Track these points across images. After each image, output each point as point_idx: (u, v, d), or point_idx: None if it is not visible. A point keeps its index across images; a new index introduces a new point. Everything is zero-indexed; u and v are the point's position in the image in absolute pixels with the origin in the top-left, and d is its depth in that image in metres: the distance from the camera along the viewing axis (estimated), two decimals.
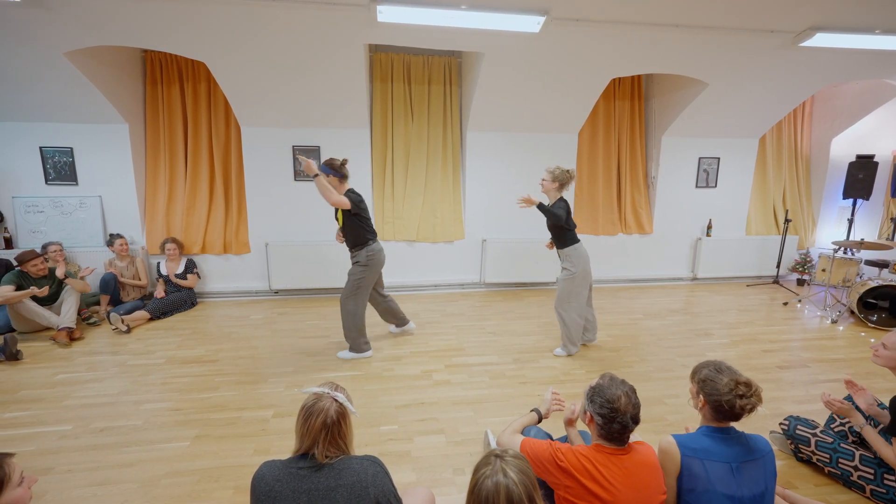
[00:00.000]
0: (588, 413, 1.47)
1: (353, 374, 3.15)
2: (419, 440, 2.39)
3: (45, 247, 4.16)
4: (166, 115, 4.74)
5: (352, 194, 3.17)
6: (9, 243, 4.52)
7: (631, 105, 5.51)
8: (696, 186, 5.67)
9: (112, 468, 2.14)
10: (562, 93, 4.59)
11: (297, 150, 4.81)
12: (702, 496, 1.44)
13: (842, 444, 2.02)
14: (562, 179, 3.25)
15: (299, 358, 3.41)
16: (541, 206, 3.20)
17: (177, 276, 4.56)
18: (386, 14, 3.32)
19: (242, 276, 5.02)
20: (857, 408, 2.06)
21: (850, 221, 5.43)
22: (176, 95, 4.73)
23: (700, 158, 5.60)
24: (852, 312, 4.43)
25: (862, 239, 4.57)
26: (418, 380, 3.07)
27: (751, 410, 1.45)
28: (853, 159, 5.36)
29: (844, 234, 5.60)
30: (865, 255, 5.33)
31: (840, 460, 2.00)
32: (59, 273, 3.82)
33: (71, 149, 4.51)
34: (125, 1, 3.24)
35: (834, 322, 4.34)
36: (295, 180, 4.88)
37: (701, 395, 1.55)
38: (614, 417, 1.38)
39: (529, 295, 5.18)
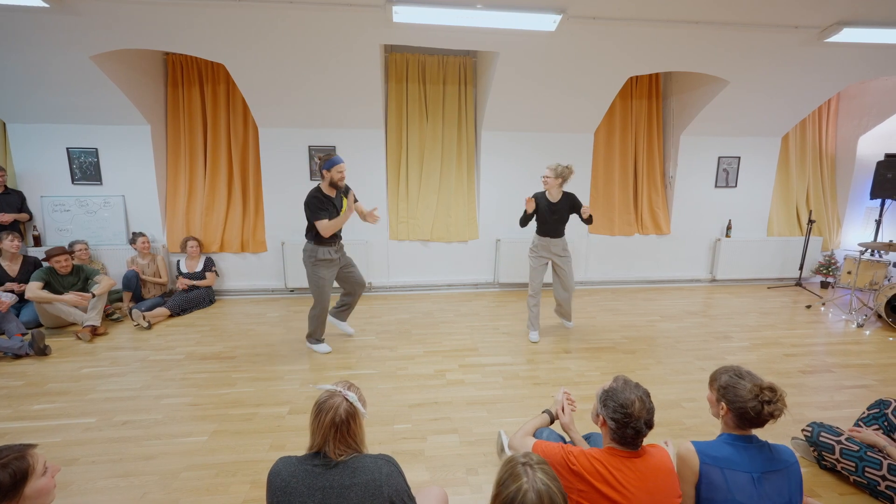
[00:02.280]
0: (601, 416, 1.45)
1: (367, 372, 3.18)
2: (432, 439, 2.40)
3: (71, 245, 4.30)
4: (187, 116, 4.85)
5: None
6: (37, 241, 4.68)
7: (648, 103, 5.42)
8: (716, 186, 5.55)
9: (134, 460, 2.20)
10: (578, 92, 4.54)
11: (314, 150, 4.87)
12: None
13: (868, 453, 1.95)
14: (564, 175, 3.47)
15: (314, 356, 3.45)
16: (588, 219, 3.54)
17: (195, 274, 4.66)
18: (402, 14, 3.33)
19: (259, 274, 5.10)
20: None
21: (878, 222, 5.24)
22: (196, 97, 4.84)
23: (720, 157, 5.48)
24: (879, 317, 4.28)
25: (891, 241, 4.42)
26: (432, 379, 3.08)
27: (777, 416, 1.41)
28: (881, 158, 5.17)
29: (872, 236, 5.41)
30: (894, 257, 5.15)
31: (867, 469, 1.93)
32: (81, 302, 3.81)
33: (96, 149, 4.64)
34: (149, 5, 3.32)
35: (860, 326, 4.20)
36: (311, 180, 4.94)
37: (723, 403, 1.50)
38: (628, 423, 1.36)
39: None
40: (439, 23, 3.48)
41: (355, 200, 3.28)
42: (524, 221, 3.63)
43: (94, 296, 3.84)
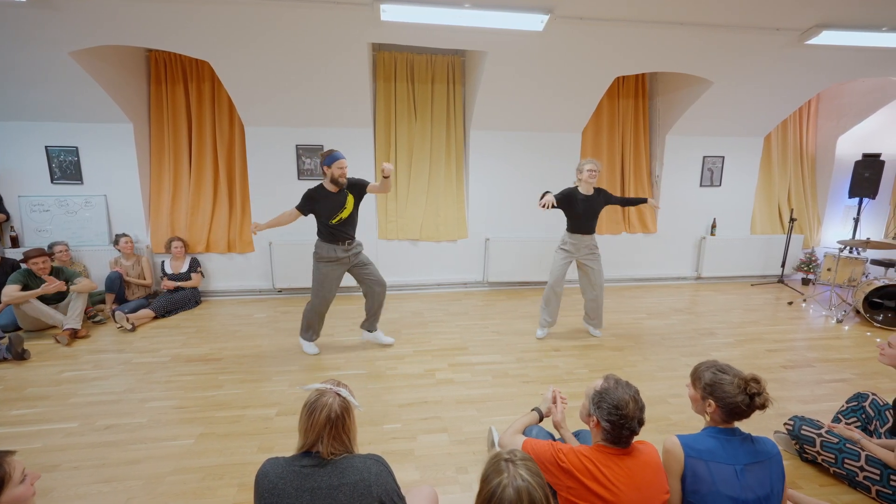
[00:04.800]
0: (594, 417, 1.44)
1: (356, 372, 3.16)
2: (422, 439, 2.40)
3: (50, 247, 4.20)
4: (170, 114, 4.76)
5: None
6: (15, 242, 4.56)
7: (635, 103, 5.49)
8: (701, 185, 5.64)
9: (117, 465, 2.16)
10: (565, 91, 4.58)
11: (301, 150, 4.82)
12: (705, 497, 1.43)
13: (847, 444, 2.00)
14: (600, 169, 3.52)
15: (303, 356, 3.42)
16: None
17: (181, 274, 4.58)
18: (389, 13, 3.31)
19: (246, 274, 5.04)
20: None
21: (856, 220, 5.39)
22: (180, 95, 4.75)
23: (704, 157, 5.57)
24: (858, 312, 4.40)
25: (868, 238, 4.54)
26: (421, 378, 3.08)
27: (767, 406, 1.44)
28: (859, 158, 5.32)
29: (850, 234, 5.56)
30: (871, 254, 5.29)
31: (846, 460, 1.99)
32: (56, 287, 3.68)
33: (76, 148, 4.53)
34: (130, 1, 3.25)
35: (839, 322, 4.31)
36: (299, 179, 4.89)
37: (710, 400, 1.51)
38: (623, 424, 1.36)
39: (533, 294, 5.17)
40: (427, 22, 3.48)
41: (356, 195, 3.25)
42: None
43: (67, 289, 3.75)
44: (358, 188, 3.25)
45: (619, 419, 1.36)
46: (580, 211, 3.50)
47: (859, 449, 1.97)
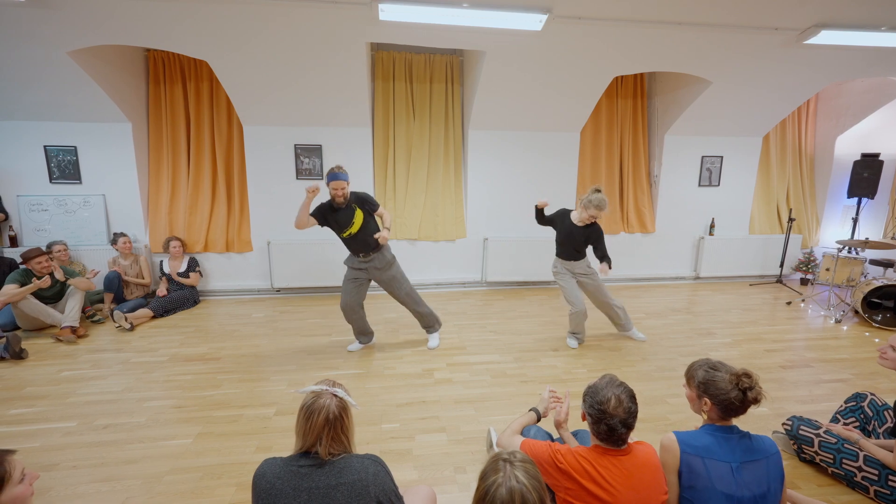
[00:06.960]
0: (582, 411, 1.49)
1: (354, 372, 3.16)
2: (420, 438, 2.40)
3: (49, 246, 4.19)
4: (169, 113, 4.75)
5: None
6: (14, 241, 4.55)
7: (633, 103, 5.49)
8: (699, 185, 5.65)
9: (116, 465, 2.16)
10: (564, 91, 4.58)
11: (300, 149, 4.82)
12: (701, 494, 1.44)
13: (846, 445, 2.00)
14: (605, 209, 3.23)
15: (301, 356, 3.42)
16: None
17: (179, 274, 4.58)
18: (388, 12, 3.31)
19: (244, 274, 5.04)
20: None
21: (855, 220, 5.39)
22: (178, 94, 4.75)
23: (703, 157, 5.57)
24: (856, 312, 4.40)
25: (866, 238, 4.55)
26: (420, 378, 3.08)
27: (761, 400, 1.45)
28: (858, 158, 5.32)
29: (849, 234, 5.56)
30: (870, 254, 5.30)
31: (844, 461, 1.99)
32: (58, 276, 3.78)
33: (75, 147, 4.53)
34: (128, 0, 3.24)
35: (838, 322, 4.31)
36: (297, 179, 4.89)
37: (705, 398, 1.53)
38: (601, 419, 1.39)
39: (531, 294, 5.18)
40: (425, 21, 3.47)
41: (367, 212, 3.24)
42: (539, 219, 3.47)
43: (65, 281, 3.79)
44: (368, 205, 3.24)
45: (598, 413, 1.40)
46: (562, 235, 3.41)
47: (858, 449, 1.97)
